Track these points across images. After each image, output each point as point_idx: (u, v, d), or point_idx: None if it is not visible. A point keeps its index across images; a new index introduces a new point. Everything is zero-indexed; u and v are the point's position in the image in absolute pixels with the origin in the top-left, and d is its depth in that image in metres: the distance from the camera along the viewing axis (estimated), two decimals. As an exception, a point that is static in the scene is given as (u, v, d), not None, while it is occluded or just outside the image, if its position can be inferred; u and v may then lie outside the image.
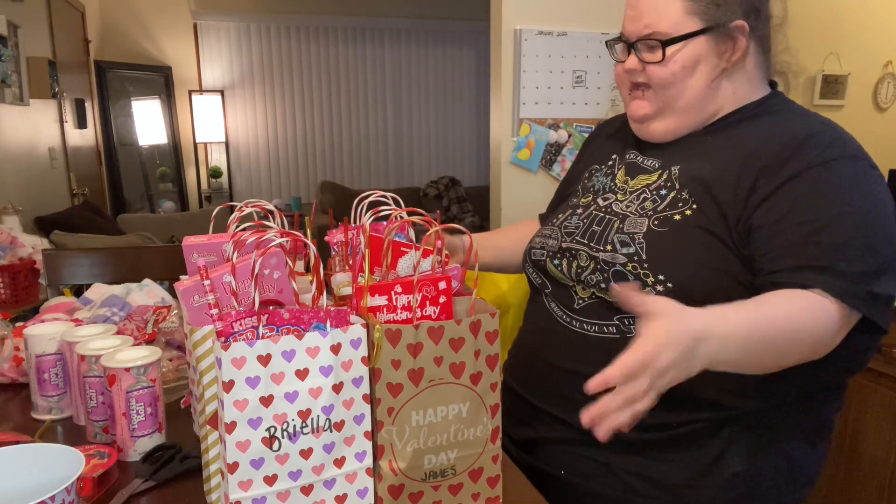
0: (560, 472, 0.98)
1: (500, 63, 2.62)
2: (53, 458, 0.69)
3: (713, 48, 0.92)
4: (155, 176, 5.29)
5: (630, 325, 0.90)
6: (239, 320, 0.69)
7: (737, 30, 0.92)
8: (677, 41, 0.91)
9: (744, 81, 0.96)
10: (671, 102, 0.95)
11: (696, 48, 0.92)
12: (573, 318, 0.97)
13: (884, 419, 1.75)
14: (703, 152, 0.95)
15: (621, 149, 1.07)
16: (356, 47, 5.76)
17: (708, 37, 0.91)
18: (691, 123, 0.97)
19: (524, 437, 1.03)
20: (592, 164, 1.11)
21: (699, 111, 0.96)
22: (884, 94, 3.52)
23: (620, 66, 1.00)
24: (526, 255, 1.09)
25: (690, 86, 0.93)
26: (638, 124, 1.01)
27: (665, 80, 0.93)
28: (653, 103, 0.97)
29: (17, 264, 2.18)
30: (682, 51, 0.92)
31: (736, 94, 0.96)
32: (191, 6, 5.26)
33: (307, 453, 0.71)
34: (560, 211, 1.09)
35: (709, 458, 0.90)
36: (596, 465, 0.95)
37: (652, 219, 0.92)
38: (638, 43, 0.94)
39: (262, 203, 0.92)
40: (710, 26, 0.91)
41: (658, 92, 0.95)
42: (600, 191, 1.04)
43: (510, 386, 1.07)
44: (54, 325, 1.06)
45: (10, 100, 3.06)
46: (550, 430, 0.99)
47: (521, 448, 1.04)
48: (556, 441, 0.99)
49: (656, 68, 0.93)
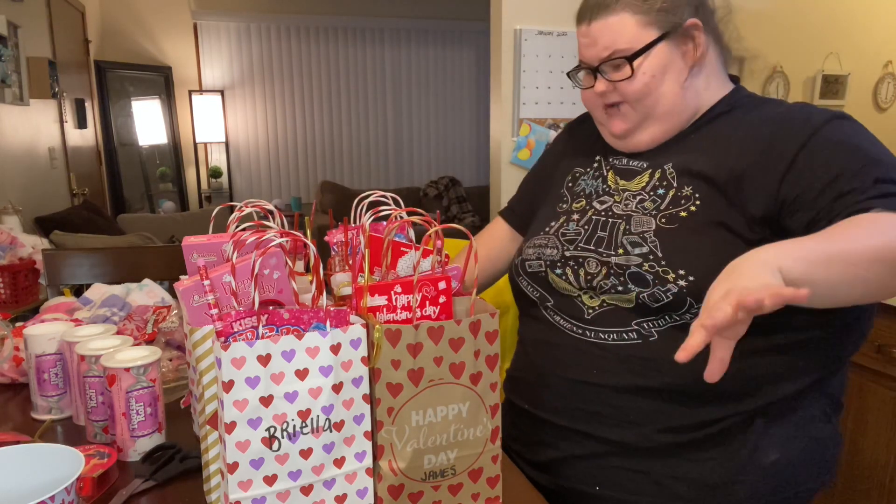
0: (595, 489, 0.94)
1: (500, 63, 2.62)
2: (53, 458, 0.69)
3: (675, 51, 0.95)
4: (155, 176, 5.29)
5: (651, 329, 0.89)
6: (239, 320, 0.69)
7: (692, 28, 0.95)
8: (640, 54, 0.93)
9: (712, 74, 0.99)
10: (650, 111, 0.96)
11: (660, 56, 0.94)
12: (586, 329, 0.94)
13: (884, 419, 1.75)
14: (691, 149, 0.96)
15: (603, 150, 1.07)
16: (356, 47, 5.77)
17: (667, 42, 0.94)
18: (675, 126, 0.98)
19: (546, 458, 0.99)
20: (574, 168, 1.10)
21: (680, 113, 0.97)
22: (884, 94, 3.52)
23: (589, 91, 1.01)
24: (518, 269, 1.05)
25: (665, 92, 0.95)
26: (619, 140, 1.01)
27: (639, 93, 0.95)
28: (631, 117, 0.98)
29: (17, 264, 2.18)
30: (647, 61, 0.94)
31: (709, 88, 0.98)
32: (191, 6, 5.26)
33: (307, 453, 0.71)
34: (550, 219, 1.06)
35: (745, 452, 0.90)
36: (634, 475, 0.92)
37: (658, 217, 0.92)
38: (602, 66, 0.96)
39: (262, 203, 0.92)
40: (667, 31, 0.93)
41: (635, 105, 0.97)
42: (593, 194, 1.03)
43: (521, 408, 1.03)
44: (54, 325, 1.06)
45: (10, 100, 3.06)
46: (578, 447, 0.95)
47: (544, 470, 1.00)
48: (586, 457, 0.95)
49: (627, 84, 0.95)
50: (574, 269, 0.96)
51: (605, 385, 0.91)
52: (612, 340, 0.91)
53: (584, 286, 0.94)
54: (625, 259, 0.91)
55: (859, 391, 1.80)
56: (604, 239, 0.95)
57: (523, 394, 1.03)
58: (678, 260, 0.87)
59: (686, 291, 0.85)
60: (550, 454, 0.99)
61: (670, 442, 0.90)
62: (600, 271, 0.93)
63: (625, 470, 0.93)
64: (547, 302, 1.00)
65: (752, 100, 0.99)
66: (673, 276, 0.86)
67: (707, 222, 0.89)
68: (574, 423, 0.95)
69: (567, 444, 0.97)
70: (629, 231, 0.93)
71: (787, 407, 0.91)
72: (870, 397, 1.78)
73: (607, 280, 0.92)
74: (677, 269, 0.86)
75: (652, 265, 0.88)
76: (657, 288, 0.87)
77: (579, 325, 0.95)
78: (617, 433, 0.91)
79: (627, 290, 0.89)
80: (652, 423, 0.90)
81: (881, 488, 1.76)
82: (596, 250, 0.95)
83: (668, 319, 0.87)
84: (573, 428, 0.95)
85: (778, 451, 0.91)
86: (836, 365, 0.94)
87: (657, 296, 0.87)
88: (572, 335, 0.95)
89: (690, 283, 0.85)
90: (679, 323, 0.87)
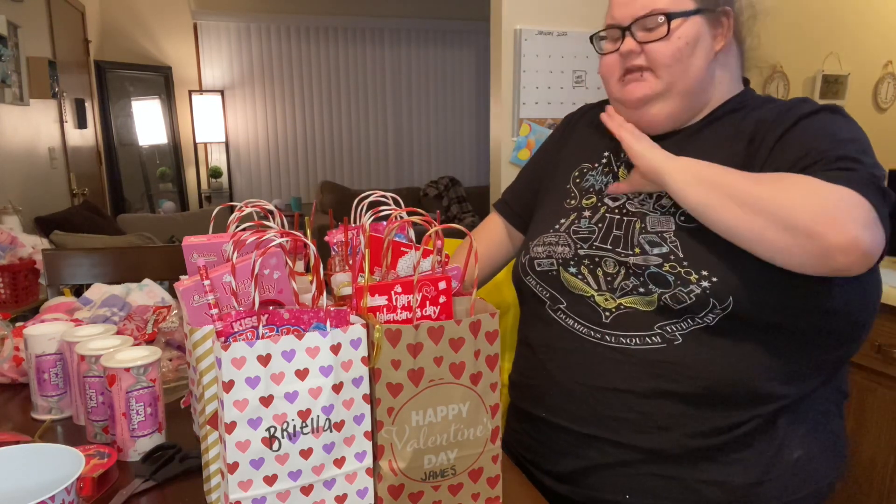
0: (624, 497, 0.92)
1: (500, 63, 2.62)
2: (53, 458, 0.69)
3: (708, 29, 0.94)
4: (155, 176, 5.29)
5: (674, 332, 0.87)
6: (239, 320, 0.69)
7: (725, 15, 0.95)
8: (679, 16, 0.91)
9: (730, 70, 0.98)
10: (676, 81, 0.93)
11: (696, 26, 0.92)
12: (605, 334, 0.91)
13: (884, 419, 1.75)
14: (704, 145, 0.95)
15: (612, 145, 1.04)
16: (356, 47, 5.77)
17: (703, 17, 0.93)
18: (688, 110, 0.96)
19: (569, 468, 0.96)
20: (581, 163, 1.07)
21: (697, 96, 0.96)
22: (884, 94, 3.52)
23: (610, 55, 0.97)
24: (526, 267, 1.02)
25: (693, 65, 0.93)
26: (633, 110, 0.97)
27: (671, 57, 0.92)
28: (653, 84, 0.94)
29: (17, 264, 2.18)
30: (684, 26, 0.92)
31: (723, 84, 0.97)
32: (191, 6, 5.26)
33: (307, 453, 0.71)
34: (559, 215, 1.03)
35: (772, 451, 0.90)
36: (664, 481, 0.90)
37: (677, 216, 0.90)
38: (633, 25, 0.93)
39: (262, 203, 0.92)
40: (705, 7, 0.93)
41: (661, 72, 0.93)
42: (602, 190, 1.01)
43: (538, 417, 0.99)
44: (54, 325, 1.06)
45: (10, 100, 3.06)
46: (604, 456, 0.92)
47: (565, 481, 0.97)
48: (613, 465, 0.92)
49: (660, 45, 0.92)
50: (591, 268, 0.94)
51: (630, 391, 0.90)
52: (635, 345, 0.89)
53: (604, 287, 0.92)
54: (643, 259, 0.89)
55: (859, 391, 1.80)
56: (620, 238, 0.93)
57: (538, 402, 1.00)
58: (700, 260, 0.86)
59: (710, 292, 0.84)
60: (572, 464, 0.96)
61: (700, 446, 0.89)
62: (619, 271, 0.91)
63: (656, 476, 0.91)
64: (559, 304, 0.97)
65: (761, 100, 0.99)
66: (696, 278, 0.85)
67: None
68: (599, 431, 0.92)
69: (592, 453, 0.93)
70: (645, 230, 0.92)
71: (805, 403, 0.91)
72: (870, 397, 1.78)
73: (627, 281, 0.90)
74: (700, 270, 0.85)
75: (673, 266, 0.87)
76: (679, 289, 0.85)
77: (597, 329, 0.92)
78: (646, 440, 0.90)
79: (649, 292, 0.88)
80: (681, 428, 0.89)
81: (881, 488, 1.76)
82: (613, 250, 0.93)
83: (692, 322, 0.86)
84: (599, 436, 0.92)
85: (800, 447, 0.91)
86: (845, 359, 0.95)
87: (679, 297, 0.85)
88: (590, 339, 0.92)
89: (713, 284, 0.84)
90: (702, 325, 0.86)
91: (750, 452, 0.90)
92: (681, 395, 0.88)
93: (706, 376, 0.86)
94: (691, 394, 0.87)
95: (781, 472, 0.90)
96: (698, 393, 0.87)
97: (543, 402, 0.99)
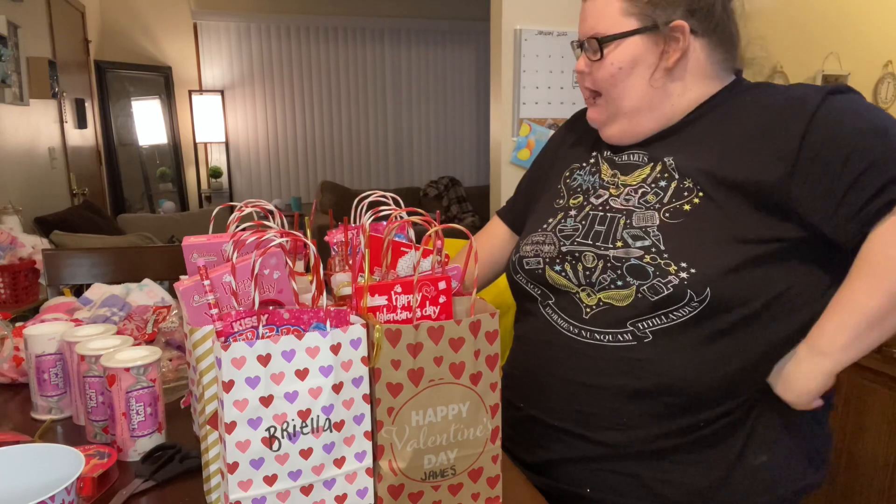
0: (585, 491, 0.94)
1: (500, 63, 2.62)
2: (53, 458, 0.69)
3: (651, 48, 0.93)
4: (155, 176, 5.29)
5: (645, 330, 0.88)
6: (239, 320, 0.69)
7: (676, 30, 0.92)
8: (611, 40, 0.93)
9: (694, 80, 0.96)
10: (617, 105, 0.97)
11: (631, 48, 0.93)
12: (582, 329, 0.93)
13: (884, 419, 1.75)
14: (690, 141, 0.95)
15: (598, 145, 1.06)
16: (356, 47, 5.77)
17: (644, 37, 0.93)
18: (647, 125, 0.97)
19: (540, 459, 0.99)
20: (571, 164, 1.09)
21: (648, 112, 0.96)
22: (884, 94, 3.52)
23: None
24: (516, 266, 1.05)
25: (630, 86, 0.95)
26: (598, 129, 1.03)
27: (604, 80, 0.96)
28: (603, 109, 0.99)
29: (17, 264, 2.19)
30: (617, 50, 0.93)
31: (686, 94, 0.96)
32: (191, 6, 5.26)
33: (307, 453, 0.71)
34: (548, 215, 1.05)
35: (733, 454, 0.90)
36: (623, 479, 0.92)
37: (661, 211, 0.91)
38: (584, 43, 0.97)
39: (262, 203, 0.92)
40: (646, 26, 0.92)
41: (605, 97, 0.98)
42: (589, 190, 1.02)
43: (517, 406, 1.02)
44: (54, 325, 1.06)
45: (10, 100, 3.06)
46: (570, 449, 0.95)
47: (538, 471, 0.99)
48: (577, 459, 0.95)
49: (596, 67, 0.96)
50: (572, 264, 0.95)
51: (600, 387, 0.91)
52: (608, 341, 0.91)
53: (584, 282, 0.93)
54: (624, 252, 0.90)
55: (859, 391, 1.80)
56: (601, 233, 0.94)
57: (517, 392, 1.02)
58: (680, 253, 0.87)
59: (687, 283, 0.85)
60: (543, 455, 0.98)
61: (663, 445, 0.90)
62: (597, 265, 0.92)
63: (615, 473, 0.92)
64: (548, 300, 0.99)
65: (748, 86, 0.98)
66: (675, 269, 0.86)
67: (709, 215, 0.88)
68: (569, 425, 0.94)
69: (559, 446, 0.96)
70: (630, 225, 0.92)
71: (774, 407, 0.91)
72: (869, 397, 1.78)
73: (605, 275, 0.91)
74: (679, 262, 0.86)
75: (654, 257, 0.88)
76: (657, 280, 0.86)
77: (576, 324, 0.94)
78: (611, 436, 0.91)
79: (627, 285, 0.89)
80: (646, 426, 0.90)
81: (881, 488, 1.76)
82: (593, 244, 0.94)
83: (665, 319, 0.87)
84: (567, 429, 0.95)
85: (766, 452, 0.91)
86: None
87: (657, 287, 0.86)
88: (568, 335, 0.94)
89: (692, 276, 0.85)
90: (675, 323, 0.87)
91: (712, 454, 0.90)
92: (646, 393, 0.89)
93: (672, 375, 0.87)
94: (657, 392, 0.88)
95: (742, 475, 0.90)
96: (664, 392, 0.88)
97: (522, 392, 1.02)
